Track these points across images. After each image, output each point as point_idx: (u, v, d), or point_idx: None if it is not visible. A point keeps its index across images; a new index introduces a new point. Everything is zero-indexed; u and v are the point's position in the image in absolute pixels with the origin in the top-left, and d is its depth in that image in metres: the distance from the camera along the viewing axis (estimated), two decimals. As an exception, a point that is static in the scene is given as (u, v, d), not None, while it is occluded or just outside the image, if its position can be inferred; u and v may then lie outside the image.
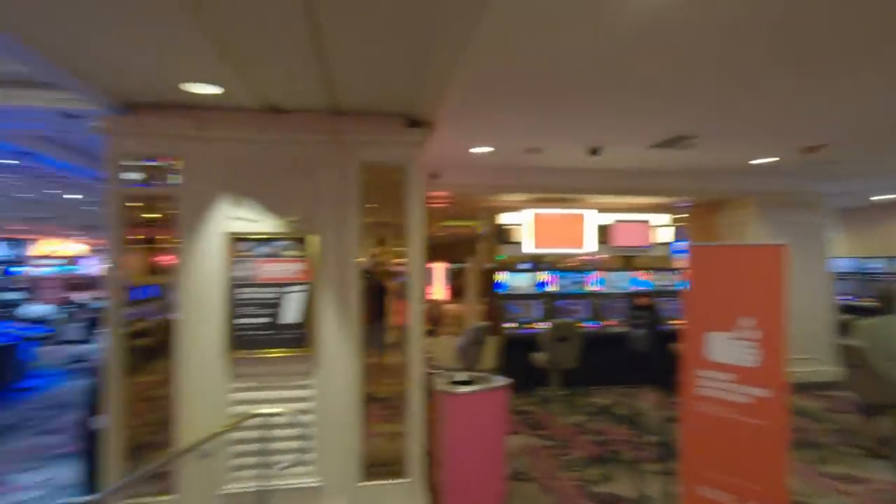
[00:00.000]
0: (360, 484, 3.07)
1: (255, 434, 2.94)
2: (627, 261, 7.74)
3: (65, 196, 13.51)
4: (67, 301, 11.80)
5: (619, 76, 3.00)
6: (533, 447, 4.82)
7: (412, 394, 3.16)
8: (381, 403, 3.23)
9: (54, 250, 19.03)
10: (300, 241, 3.05)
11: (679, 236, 8.01)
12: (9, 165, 9.71)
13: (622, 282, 7.26)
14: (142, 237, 2.96)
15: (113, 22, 2.00)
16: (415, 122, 3.22)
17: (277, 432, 2.96)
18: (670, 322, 6.66)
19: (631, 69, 2.88)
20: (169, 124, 2.93)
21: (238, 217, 3.00)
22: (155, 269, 2.96)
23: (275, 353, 3.02)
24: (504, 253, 7.48)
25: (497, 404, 3.44)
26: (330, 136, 3.08)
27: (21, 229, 20.51)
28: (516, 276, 7.10)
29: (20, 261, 16.45)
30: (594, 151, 5.17)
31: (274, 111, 3.04)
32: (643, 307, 6.82)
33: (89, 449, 3.43)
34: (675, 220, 8.05)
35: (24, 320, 8.53)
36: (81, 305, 11.42)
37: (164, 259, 2.96)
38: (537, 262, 7.39)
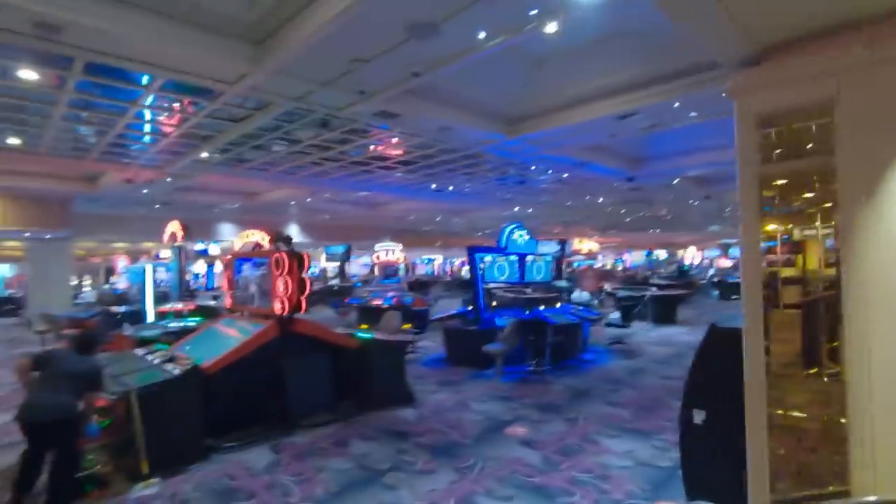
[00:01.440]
0: None
1: None
2: None
3: (598, 200, 16.12)
4: (600, 289, 13.80)
5: None
6: None
7: None
8: None
9: (580, 248, 23.36)
10: None
11: None
12: (562, 178, 12.31)
13: None
14: (777, 216, 2.40)
15: None
16: None
17: None
18: None
19: None
20: (813, 60, 2.23)
21: (946, 168, 1.94)
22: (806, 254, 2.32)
23: None
24: None
25: None
26: None
27: (558, 231, 26.47)
28: None
29: (565, 256, 21.09)
30: None
31: None
32: None
33: (688, 443, 3.24)
34: None
35: (575, 304, 10.33)
36: (610, 294, 13.05)
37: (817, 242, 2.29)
38: None
